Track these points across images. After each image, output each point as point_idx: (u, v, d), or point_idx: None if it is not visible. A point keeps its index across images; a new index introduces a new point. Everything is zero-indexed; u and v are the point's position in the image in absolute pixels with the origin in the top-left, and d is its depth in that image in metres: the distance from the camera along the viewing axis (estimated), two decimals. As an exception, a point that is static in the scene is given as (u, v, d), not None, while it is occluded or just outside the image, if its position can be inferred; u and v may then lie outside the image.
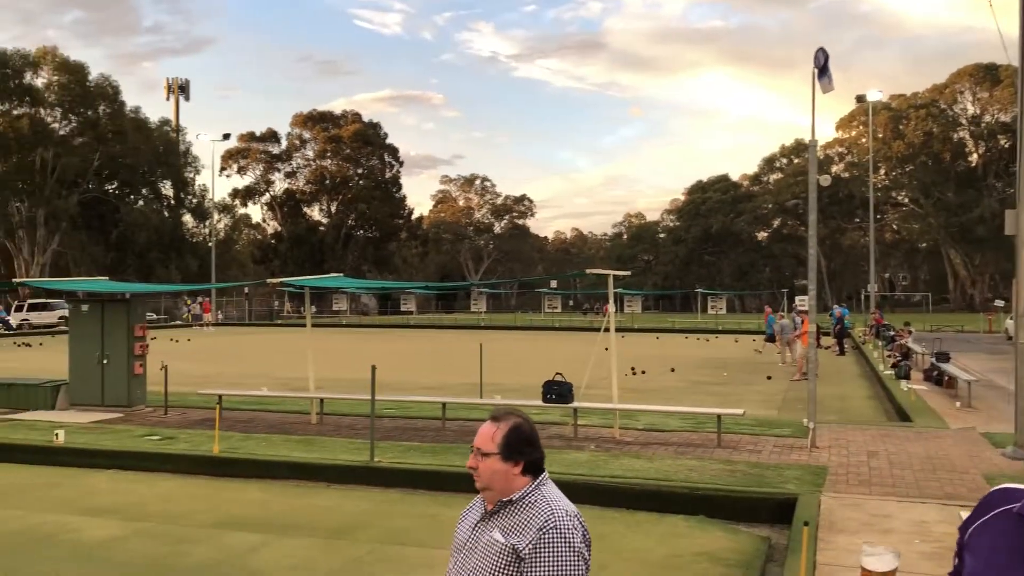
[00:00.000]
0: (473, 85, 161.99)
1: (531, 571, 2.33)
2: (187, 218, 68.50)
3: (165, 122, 66.33)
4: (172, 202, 65.92)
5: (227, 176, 78.14)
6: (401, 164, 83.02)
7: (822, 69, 10.07)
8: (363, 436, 11.09)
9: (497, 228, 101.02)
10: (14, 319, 44.22)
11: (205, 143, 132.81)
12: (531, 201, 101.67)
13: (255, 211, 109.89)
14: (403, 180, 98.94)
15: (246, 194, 79.23)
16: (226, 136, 64.24)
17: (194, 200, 67.85)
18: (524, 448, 2.46)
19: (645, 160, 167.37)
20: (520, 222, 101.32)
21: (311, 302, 15.11)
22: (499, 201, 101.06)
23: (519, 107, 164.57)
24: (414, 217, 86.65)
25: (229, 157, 76.91)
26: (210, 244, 63.91)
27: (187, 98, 73.16)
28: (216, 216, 67.90)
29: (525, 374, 19.97)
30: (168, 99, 72.55)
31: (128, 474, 9.72)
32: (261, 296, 70.21)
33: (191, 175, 67.10)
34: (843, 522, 7.05)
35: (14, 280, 45.64)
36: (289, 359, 24.95)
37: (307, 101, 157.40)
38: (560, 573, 2.32)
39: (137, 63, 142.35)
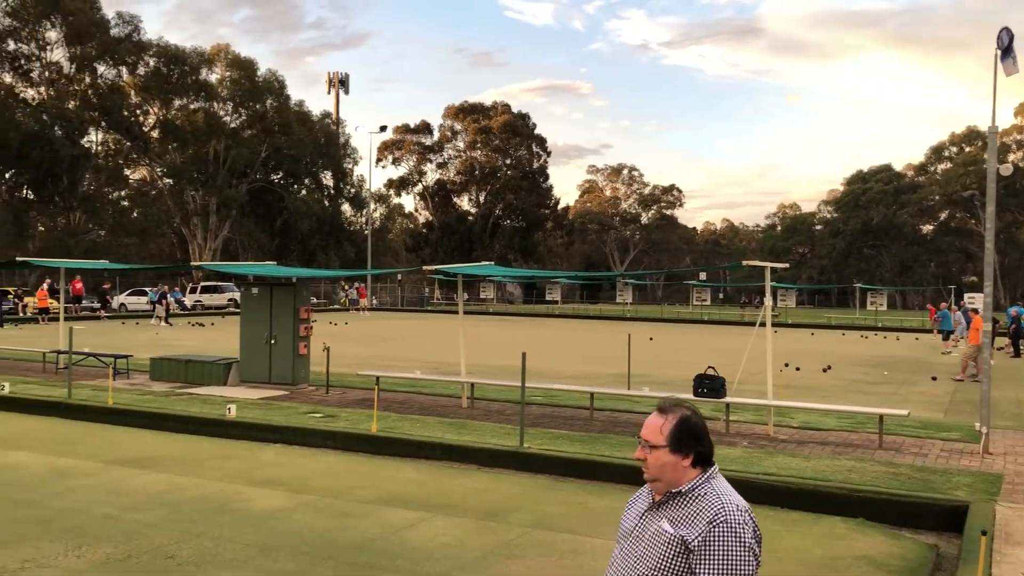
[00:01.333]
0: (622, 73, 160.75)
1: (700, 563, 2.34)
2: (345, 207, 71.46)
3: (326, 115, 69.38)
4: (332, 192, 68.88)
5: (382, 167, 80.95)
6: (548, 154, 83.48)
7: (1006, 50, 9.39)
8: (512, 422, 11.27)
9: (644, 218, 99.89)
10: (188, 300, 47.43)
11: (362, 135, 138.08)
12: (680, 191, 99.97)
13: (408, 201, 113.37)
14: (550, 170, 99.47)
15: (400, 184, 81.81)
16: (382, 128, 66.45)
17: (352, 190, 70.73)
18: (692, 440, 2.46)
19: (801, 149, 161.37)
20: (668, 212, 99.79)
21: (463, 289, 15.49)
22: (646, 191, 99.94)
23: (669, 95, 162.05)
24: (560, 207, 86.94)
25: (385, 148, 79.57)
26: (366, 232, 66.44)
27: (346, 91, 76.10)
28: (372, 205, 70.51)
29: (673, 367, 19.71)
30: (329, 93, 75.75)
31: (293, 448, 10.28)
32: (412, 283, 72.37)
33: (349, 166, 70.01)
34: (1021, 534, 6.60)
35: (192, 263, 49.04)
36: (439, 344, 25.62)
37: (459, 93, 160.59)
38: (730, 567, 2.31)
39: (300, 58, 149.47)
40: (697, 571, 2.34)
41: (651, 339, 28.84)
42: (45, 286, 36.11)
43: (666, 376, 17.43)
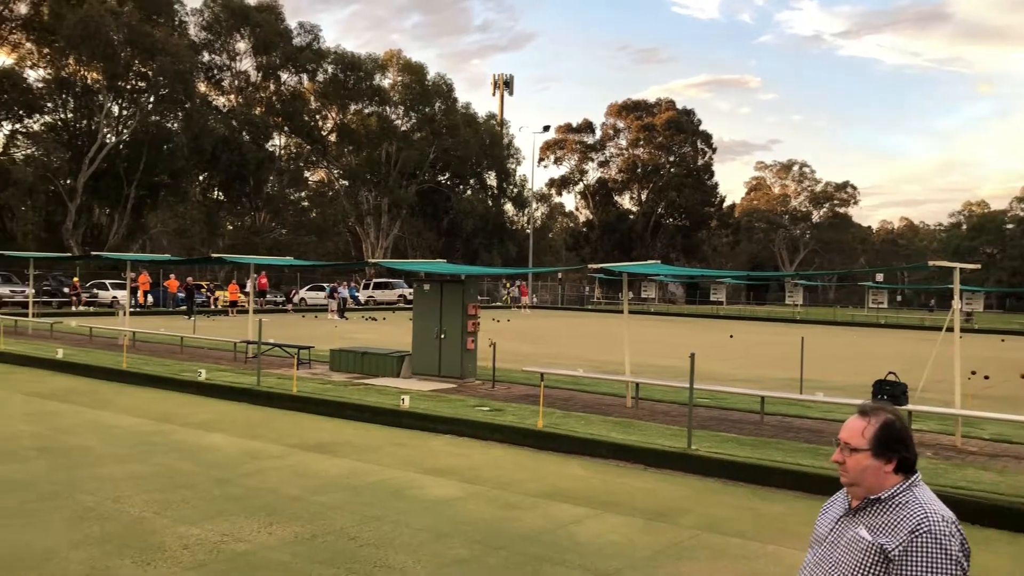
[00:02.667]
0: (793, 66, 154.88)
1: (901, 574, 2.25)
2: (508, 206, 72.63)
3: (491, 116, 70.82)
4: (495, 192, 70.22)
5: (544, 166, 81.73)
6: (714, 151, 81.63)
7: None
8: (678, 423, 11.13)
9: (815, 217, 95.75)
10: (362, 296, 49.63)
11: (526, 135, 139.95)
12: (854, 188, 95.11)
13: (569, 200, 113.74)
14: (715, 167, 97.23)
15: (561, 183, 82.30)
16: (546, 128, 67.05)
17: (515, 190, 71.81)
18: (897, 445, 2.38)
19: (991, 142, 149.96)
20: (841, 210, 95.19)
21: (622, 289, 15.43)
22: (818, 188, 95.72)
23: (843, 88, 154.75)
24: (725, 205, 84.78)
25: (547, 148, 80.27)
26: (528, 231, 67.29)
27: (511, 93, 77.26)
28: (534, 204, 71.34)
29: (848, 372, 18.85)
30: (494, 94, 77.15)
31: (462, 440, 10.58)
32: (572, 281, 72.63)
33: (513, 166, 71.13)
34: None
35: (368, 260, 51.38)
36: (600, 343, 25.60)
37: (622, 90, 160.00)
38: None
39: (467, 61, 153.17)
40: None
41: (800, 339, 27.63)
42: (256, 280, 38.85)
43: (840, 381, 16.69)
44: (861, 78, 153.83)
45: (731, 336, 31.24)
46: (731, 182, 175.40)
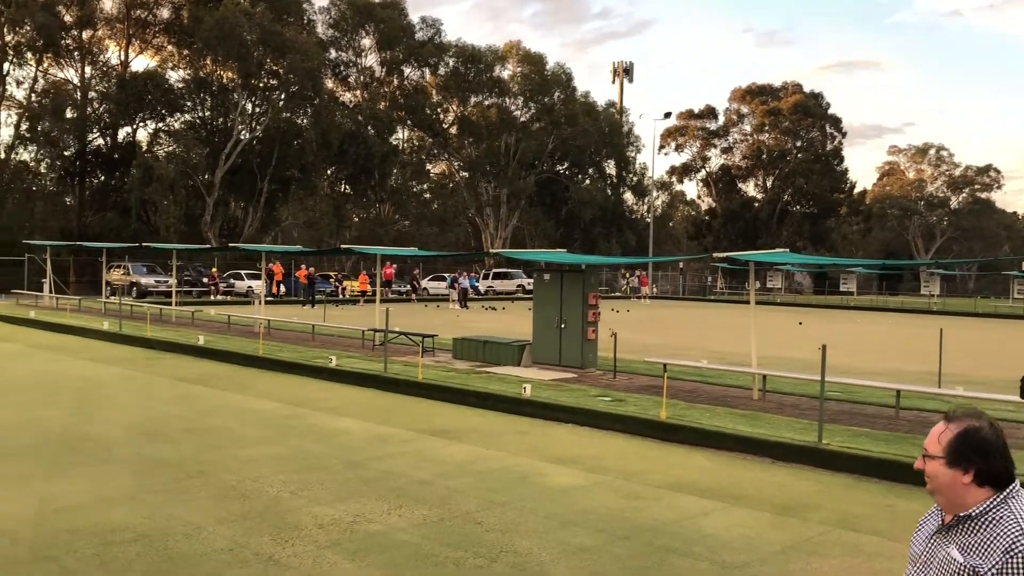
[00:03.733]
0: (929, 45, 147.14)
1: None
2: (627, 195, 72.00)
3: (610, 104, 70.30)
4: (614, 180, 69.71)
5: (665, 154, 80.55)
6: (843, 135, 78.50)
7: None
8: (808, 416, 10.81)
9: (954, 202, 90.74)
10: (482, 285, 50.28)
11: (646, 122, 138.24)
12: (997, 171, 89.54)
13: (690, 187, 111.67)
14: (845, 152, 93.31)
15: (682, 171, 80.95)
16: (667, 115, 66.04)
17: (634, 178, 71.10)
18: (973, 455, 2.18)
19: None
20: (983, 195, 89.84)
21: (746, 278, 15.04)
22: (957, 172, 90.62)
23: (984, 66, 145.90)
24: (856, 191, 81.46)
25: (668, 135, 79.07)
26: (648, 220, 66.53)
27: (631, 80, 76.43)
28: (654, 193, 70.47)
29: (990, 366, 17.84)
30: (613, 82, 76.52)
31: (584, 430, 10.58)
32: (694, 271, 71.42)
33: (632, 154, 70.40)
34: None
35: (489, 250, 52.01)
36: (724, 334, 25.09)
37: (746, 75, 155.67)
38: None
39: (586, 49, 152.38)
40: None
41: (939, 331, 26.24)
42: (390, 270, 40.22)
43: (983, 376, 15.81)
44: (1006, 55, 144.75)
45: (865, 326, 30.01)
46: (862, 168, 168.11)
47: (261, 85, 50.46)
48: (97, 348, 18.63)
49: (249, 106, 50.70)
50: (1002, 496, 2.17)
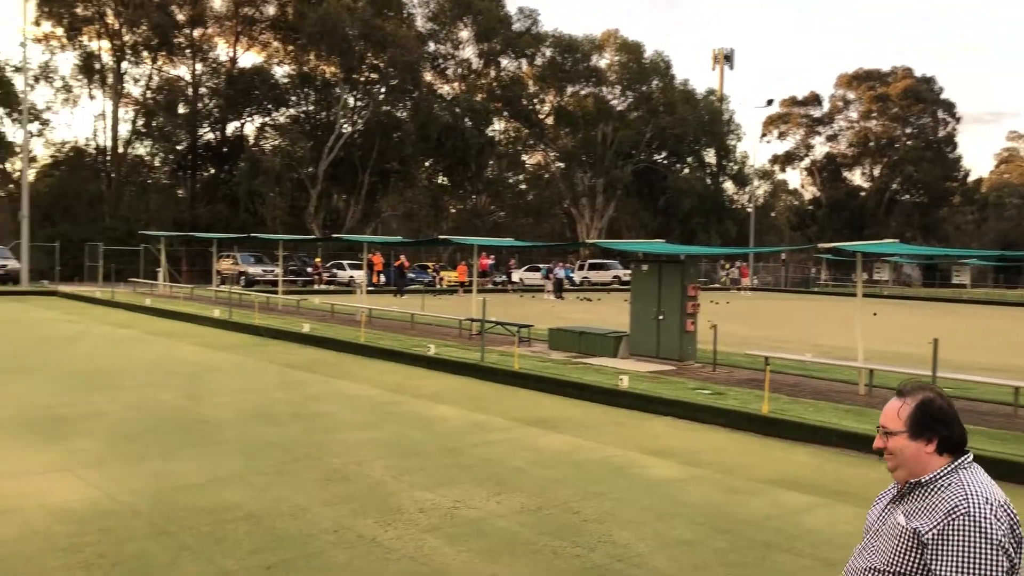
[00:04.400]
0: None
1: (934, 559, 2.15)
2: (727, 185, 70.62)
3: (710, 92, 68.98)
4: (714, 169, 68.48)
5: (767, 142, 78.73)
6: (958, 121, 75.04)
7: None
8: (918, 413, 10.40)
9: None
10: (577, 276, 50.19)
11: (746, 110, 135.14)
12: None
13: (793, 176, 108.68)
14: (958, 139, 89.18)
15: (785, 159, 78.86)
16: (769, 102, 64.47)
17: (735, 167, 69.65)
18: (936, 424, 2.26)
19: None
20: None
21: (851, 270, 14.53)
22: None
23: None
24: (970, 179, 77.78)
25: (770, 123, 77.15)
26: (749, 210, 65.10)
27: (731, 66, 74.94)
28: (755, 182, 68.89)
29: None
30: (713, 69, 75.18)
31: (682, 422, 10.46)
32: (797, 262, 69.56)
33: (733, 143, 68.96)
34: None
35: (586, 241, 51.89)
36: (828, 327, 24.36)
37: (853, 60, 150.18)
38: (970, 564, 2.09)
39: (685, 35, 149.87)
40: (932, 568, 2.15)
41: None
42: (487, 260, 40.67)
43: (1111, 374, 14.89)
44: None
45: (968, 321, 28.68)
46: (978, 155, 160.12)
47: (362, 79, 51.51)
48: (208, 334, 19.42)
49: (351, 100, 51.84)
50: (955, 464, 2.24)
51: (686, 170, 66.99)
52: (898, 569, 2.24)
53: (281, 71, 53.23)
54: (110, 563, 5.24)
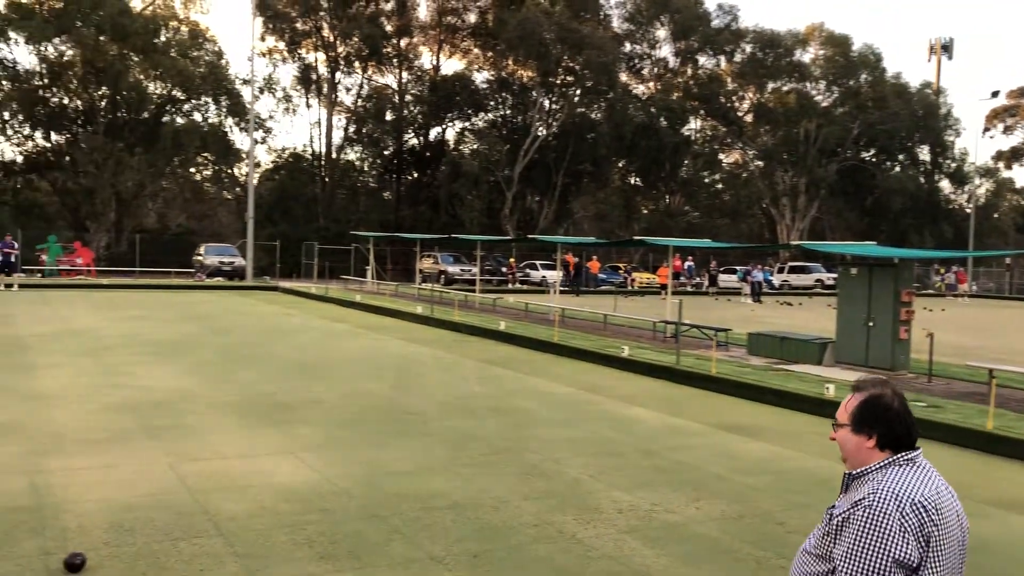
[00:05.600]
0: None
1: (834, 543, 2.28)
2: (943, 183, 65.72)
3: (925, 85, 64.42)
4: (928, 167, 63.91)
5: (990, 137, 72.59)
6: None
7: None
8: None
9: None
10: (776, 279, 48.38)
11: (966, 103, 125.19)
12: None
13: (1020, 174, 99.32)
14: None
15: (1011, 156, 72.25)
16: (995, 94, 59.34)
17: (952, 165, 64.69)
18: (875, 422, 2.32)
19: None
20: None
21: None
22: None
23: None
24: None
25: (994, 116, 70.96)
26: (968, 210, 60.23)
27: (949, 57, 69.76)
28: (976, 181, 63.65)
29: None
30: (929, 60, 70.27)
31: (894, 436, 9.83)
32: (1023, 267, 63.59)
33: (951, 138, 64.07)
34: None
35: (788, 243, 50.00)
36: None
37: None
38: (859, 551, 2.17)
39: (897, 25, 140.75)
40: (832, 551, 2.29)
41: None
42: (680, 262, 40.19)
43: None
44: None
45: None
46: None
47: (558, 82, 52.17)
48: (412, 329, 20.36)
49: (546, 103, 52.63)
50: (891, 460, 2.30)
51: (897, 168, 62.94)
52: (819, 552, 2.37)
53: (480, 77, 54.94)
54: (329, 541, 5.62)
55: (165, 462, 7.45)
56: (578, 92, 53.01)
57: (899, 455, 2.31)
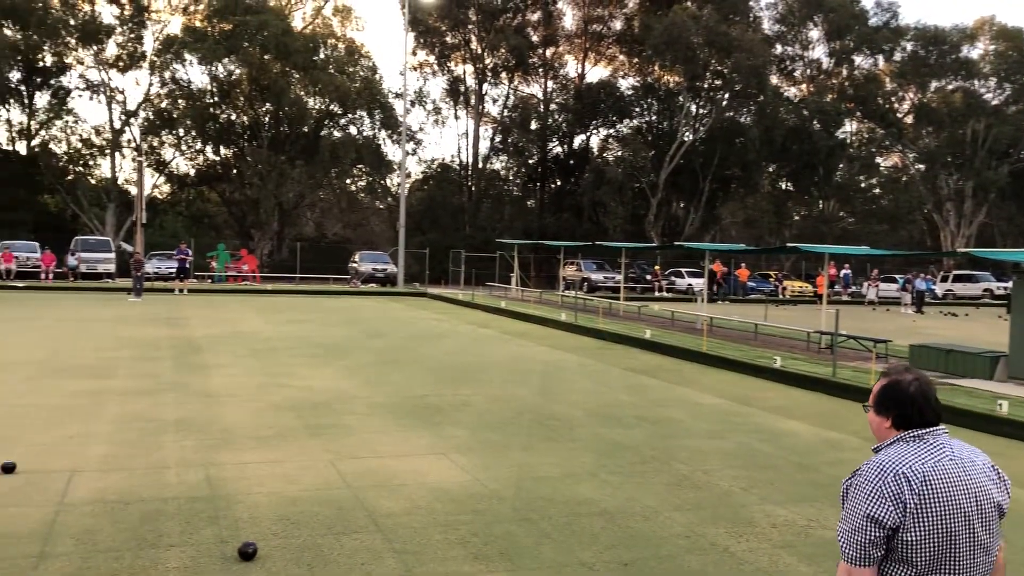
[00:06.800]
0: None
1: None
2: None
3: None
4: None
5: None
6: None
7: None
8: None
9: None
10: (939, 289, 45.65)
11: None
12: None
13: None
14: None
15: None
16: None
17: None
18: (892, 404, 2.56)
19: None
20: None
21: None
22: None
23: None
24: None
25: None
26: None
27: None
28: None
29: None
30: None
31: (1078, 458, 9.11)
32: None
33: None
34: None
35: (955, 250, 47.14)
36: None
37: None
38: (847, 515, 2.46)
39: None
40: None
41: None
42: (833, 270, 38.75)
43: None
44: None
45: None
46: None
47: (706, 86, 51.25)
48: (555, 336, 20.47)
49: (693, 108, 51.80)
50: (897, 438, 2.53)
51: (1078, 169, 58.12)
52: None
53: (626, 83, 54.68)
54: (481, 542, 5.74)
55: (326, 459, 7.82)
56: (726, 96, 51.87)
57: (907, 432, 2.54)
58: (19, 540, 5.50)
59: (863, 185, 61.46)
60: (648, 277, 44.02)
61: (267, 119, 48.79)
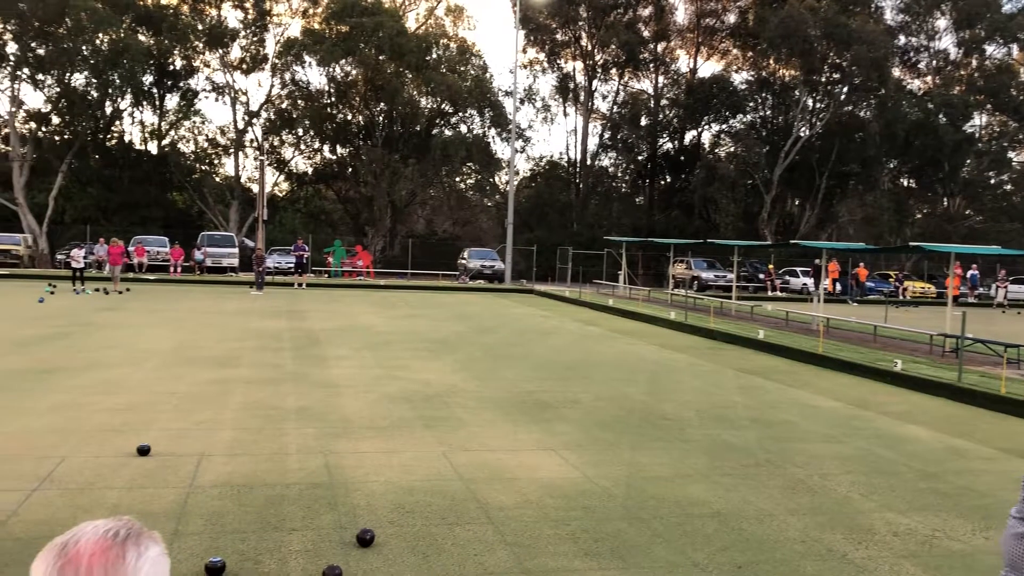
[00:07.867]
0: None
1: None
2: None
3: None
4: None
5: None
6: None
7: None
8: None
9: None
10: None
11: None
12: None
13: None
14: None
15: None
16: None
17: None
18: None
19: None
20: None
21: None
22: None
23: None
24: None
25: None
26: None
27: None
28: None
29: None
30: None
31: None
32: None
33: None
34: None
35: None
36: None
37: None
38: None
39: None
40: None
41: None
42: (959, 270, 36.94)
43: None
44: None
45: None
46: None
47: (823, 80, 49.67)
48: (664, 335, 20.26)
49: (810, 102, 50.29)
50: None
51: None
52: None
53: (739, 77, 53.57)
54: (592, 539, 5.76)
55: (439, 451, 7.99)
56: (845, 90, 50.13)
57: None
58: (156, 518, 5.84)
59: (992, 181, 58.34)
60: (761, 276, 43.00)
61: (381, 119, 49.97)
